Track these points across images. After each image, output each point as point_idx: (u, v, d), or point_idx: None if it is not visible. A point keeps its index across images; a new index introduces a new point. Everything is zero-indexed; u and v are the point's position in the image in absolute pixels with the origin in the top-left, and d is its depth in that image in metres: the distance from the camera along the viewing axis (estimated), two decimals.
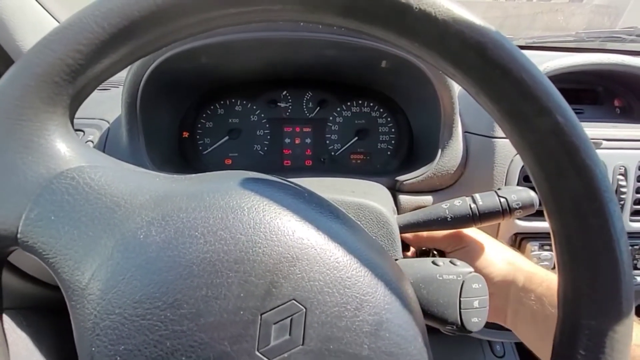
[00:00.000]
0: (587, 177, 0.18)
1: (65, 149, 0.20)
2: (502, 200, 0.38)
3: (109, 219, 0.19)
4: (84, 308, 0.18)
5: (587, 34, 0.89)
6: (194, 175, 0.23)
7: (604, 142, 0.55)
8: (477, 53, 0.18)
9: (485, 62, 0.18)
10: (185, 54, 0.48)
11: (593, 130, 0.56)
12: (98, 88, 0.22)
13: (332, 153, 0.66)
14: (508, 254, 0.41)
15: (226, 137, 0.64)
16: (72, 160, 0.20)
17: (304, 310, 0.18)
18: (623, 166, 0.54)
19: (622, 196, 0.53)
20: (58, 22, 0.64)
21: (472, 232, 0.43)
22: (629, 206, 0.54)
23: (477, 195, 0.39)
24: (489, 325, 0.33)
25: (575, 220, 0.18)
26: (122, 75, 0.46)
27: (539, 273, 0.37)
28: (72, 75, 0.19)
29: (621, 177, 0.54)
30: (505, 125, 0.19)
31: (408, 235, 0.44)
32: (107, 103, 0.56)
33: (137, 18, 0.18)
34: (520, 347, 0.87)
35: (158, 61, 0.47)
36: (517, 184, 0.52)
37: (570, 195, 0.18)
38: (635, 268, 0.57)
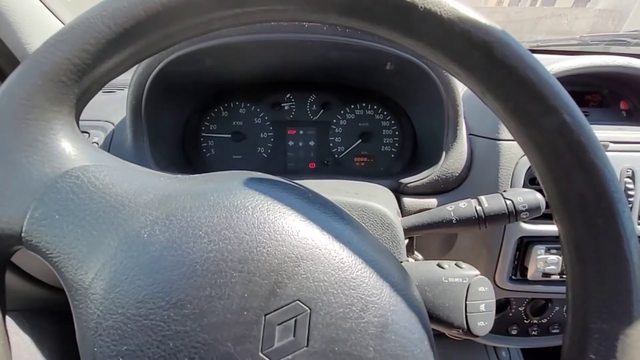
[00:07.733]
0: (595, 176, 0.17)
1: (70, 148, 0.20)
2: (508, 202, 0.37)
3: (113, 218, 0.19)
4: (87, 308, 0.17)
5: (592, 38, 0.89)
6: (198, 175, 0.23)
7: (611, 145, 0.54)
8: (483, 52, 0.18)
9: (491, 61, 0.18)
10: (189, 57, 0.48)
11: (599, 132, 0.56)
12: (103, 90, 0.22)
13: (336, 156, 0.66)
14: None
15: (230, 140, 0.64)
16: (77, 159, 0.20)
17: (309, 311, 0.18)
18: (630, 169, 0.53)
19: (630, 199, 0.53)
20: (64, 24, 0.65)
21: None
22: (637, 209, 0.53)
23: (482, 198, 0.38)
24: (494, 331, 0.33)
25: (583, 222, 0.18)
26: (127, 77, 0.47)
27: None
28: (78, 75, 0.19)
29: (628, 180, 0.53)
30: (511, 124, 0.19)
31: None
32: (112, 105, 0.57)
33: (144, 18, 0.18)
34: (526, 353, 0.86)
35: (162, 64, 0.47)
36: (523, 187, 0.51)
37: (579, 195, 0.18)
38: None
